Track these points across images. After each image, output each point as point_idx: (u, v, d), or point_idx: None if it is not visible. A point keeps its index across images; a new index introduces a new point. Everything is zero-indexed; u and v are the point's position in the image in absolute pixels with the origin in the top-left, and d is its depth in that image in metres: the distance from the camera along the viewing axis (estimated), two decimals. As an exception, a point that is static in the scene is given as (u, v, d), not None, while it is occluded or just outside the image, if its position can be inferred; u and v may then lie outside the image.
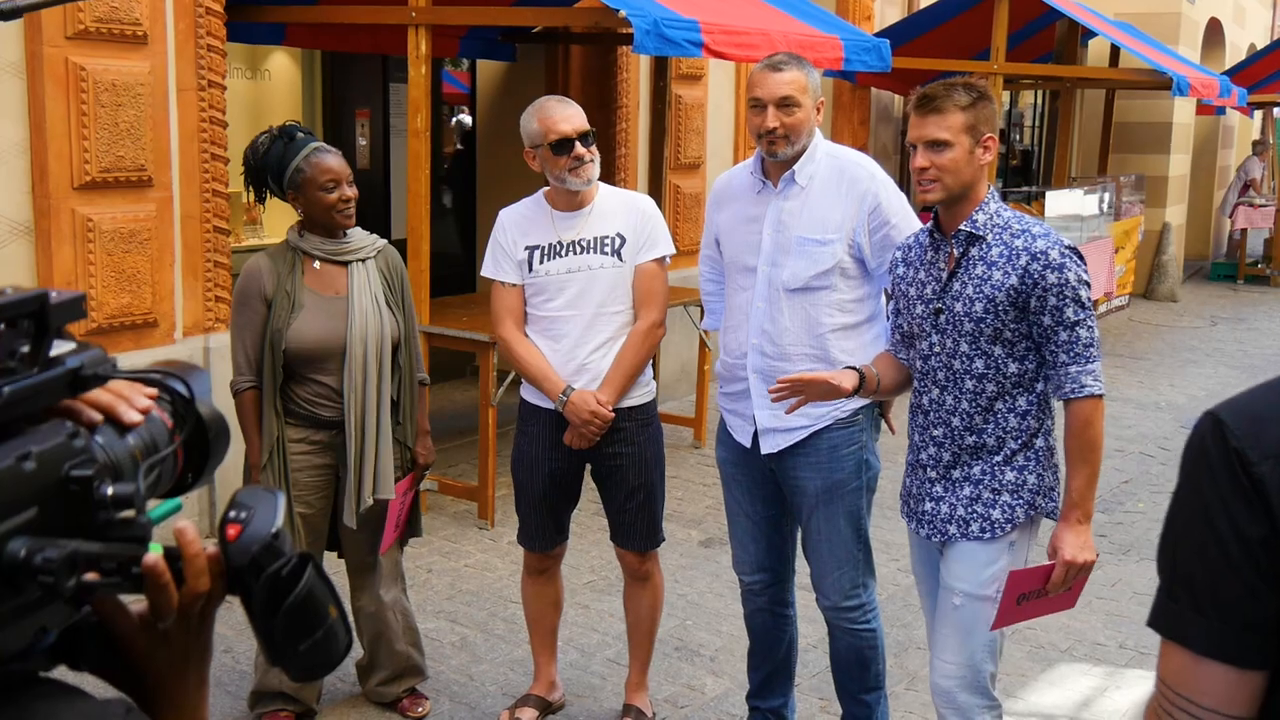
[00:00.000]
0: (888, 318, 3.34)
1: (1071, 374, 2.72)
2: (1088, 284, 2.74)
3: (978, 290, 2.77)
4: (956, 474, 2.87)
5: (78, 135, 4.64)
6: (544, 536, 3.74)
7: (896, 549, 4.81)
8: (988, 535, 2.83)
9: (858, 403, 3.27)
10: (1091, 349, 2.73)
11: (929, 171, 2.78)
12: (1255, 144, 16.01)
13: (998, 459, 2.83)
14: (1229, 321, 11.91)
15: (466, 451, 6.44)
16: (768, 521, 3.46)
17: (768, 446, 3.31)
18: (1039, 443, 2.84)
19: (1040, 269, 2.70)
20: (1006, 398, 2.80)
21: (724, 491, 3.55)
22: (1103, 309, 11.11)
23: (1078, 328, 2.71)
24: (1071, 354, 2.72)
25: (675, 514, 5.76)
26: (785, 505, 3.42)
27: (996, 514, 2.82)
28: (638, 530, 3.67)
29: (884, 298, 3.37)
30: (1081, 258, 2.76)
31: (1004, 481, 2.82)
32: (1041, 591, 2.79)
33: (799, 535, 3.48)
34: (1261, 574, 1.15)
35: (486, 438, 5.57)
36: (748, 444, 3.36)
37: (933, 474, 2.91)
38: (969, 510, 2.85)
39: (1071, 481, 2.78)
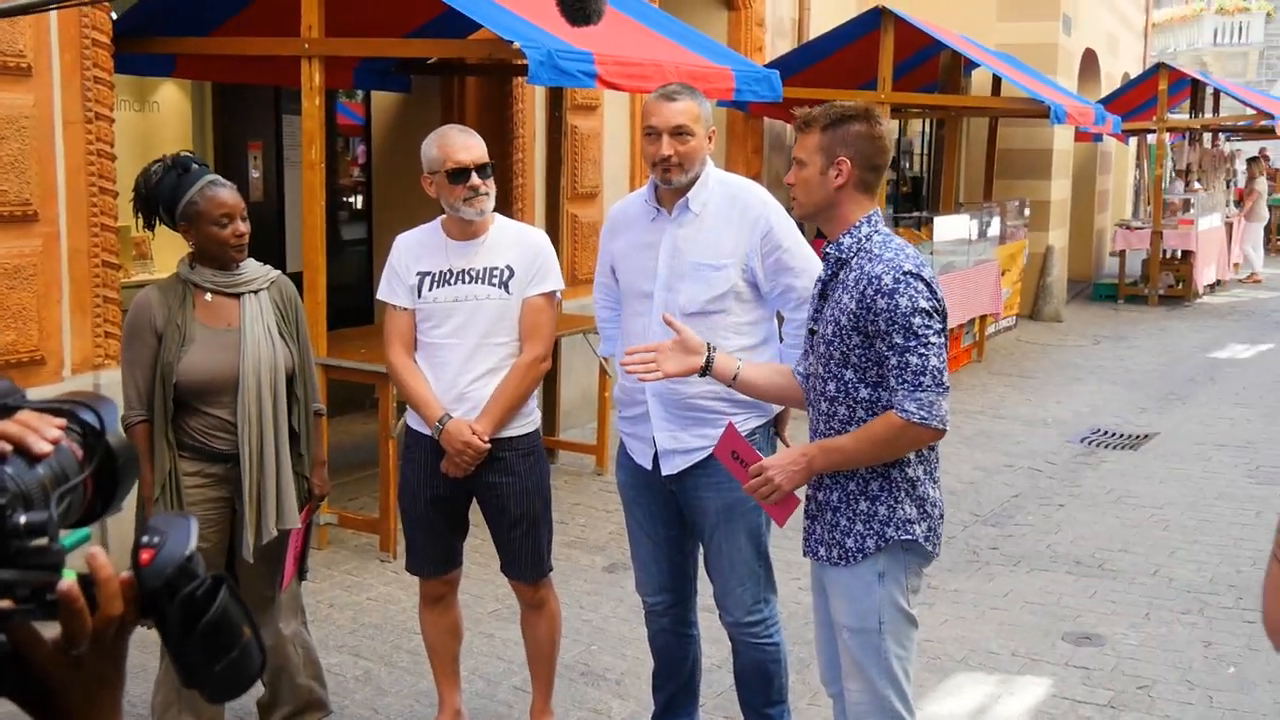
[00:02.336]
0: (780, 339, 3.43)
1: (897, 399, 2.69)
2: (927, 311, 2.69)
3: (833, 314, 2.81)
4: (820, 497, 2.91)
5: (-42, 169, 4.53)
6: (432, 563, 3.74)
7: (797, 568, 4.88)
8: (843, 563, 2.85)
9: (755, 422, 3.34)
10: (922, 377, 2.67)
11: (792, 189, 2.89)
12: (1182, 172, 16.44)
13: (852, 486, 2.83)
14: (1111, 340, 12.34)
15: (367, 484, 6.37)
16: (669, 542, 3.50)
17: (668, 468, 3.37)
18: (895, 474, 2.80)
19: (873, 294, 2.70)
20: (859, 423, 2.78)
21: (625, 515, 3.59)
22: (991, 329, 11.44)
23: (907, 354, 2.68)
24: (900, 379, 2.69)
25: (578, 540, 5.78)
26: (686, 526, 3.47)
27: (850, 543, 2.83)
28: (523, 560, 3.69)
29: (776, 320, 3.46)
30: (928, 283, 2.72)
31: (858, 510, 2.82)
32: (744, 467, 2.94)
33: (700, 556, 3.53)
34: None
35: (386, 470, 5.52)
36: (648, 466, 3.41)
37: (809, 493, 2.96)
38: (830, 535, 2.87)
39: (843, 440, 2.78)
